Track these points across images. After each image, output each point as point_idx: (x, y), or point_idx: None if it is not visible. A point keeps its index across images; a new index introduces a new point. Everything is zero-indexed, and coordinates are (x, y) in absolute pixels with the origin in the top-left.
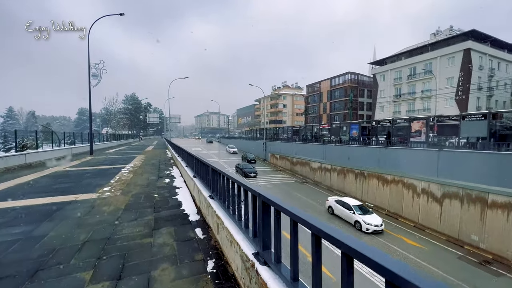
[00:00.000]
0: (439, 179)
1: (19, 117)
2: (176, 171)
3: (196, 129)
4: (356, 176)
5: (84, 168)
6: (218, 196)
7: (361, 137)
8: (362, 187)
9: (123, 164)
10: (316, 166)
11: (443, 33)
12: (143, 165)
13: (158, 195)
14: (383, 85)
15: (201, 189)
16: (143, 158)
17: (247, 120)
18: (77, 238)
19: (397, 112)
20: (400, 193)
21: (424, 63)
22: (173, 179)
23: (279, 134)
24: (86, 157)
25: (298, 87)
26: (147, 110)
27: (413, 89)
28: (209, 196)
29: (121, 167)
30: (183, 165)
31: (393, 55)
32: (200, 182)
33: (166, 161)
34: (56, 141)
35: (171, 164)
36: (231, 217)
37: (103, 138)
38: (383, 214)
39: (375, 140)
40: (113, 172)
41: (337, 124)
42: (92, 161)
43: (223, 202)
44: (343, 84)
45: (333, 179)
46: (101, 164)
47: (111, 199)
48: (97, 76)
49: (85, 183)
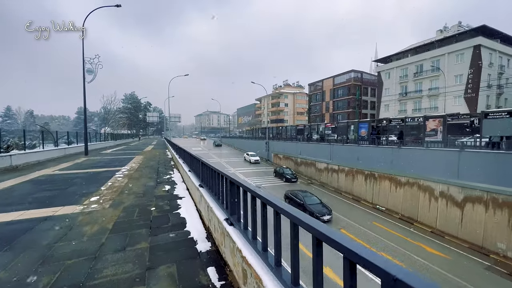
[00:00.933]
0: (460, 182)
1: (17, 116)
2: (177, 175)
3: (196, 129)
4: (366, 177)
5: (74, 171)
6: (241, 223)
7: (370, 137)
8: (373, 189)
9: (119, 166)
10: (322, 167)
11: (451, 30)
12: (141, 167)
13: (156, 208)
14: (388, 83)
15: (211, 206)
16: (141, 159)
17: (247, 120)
18: (34, 286)
19: (402, 111)
20: (415, 196)
21: (432, 60)
22: (174, 186)
23: (282, 134)
24: (80, 158)
25: (300, 86)
26: (146, 109)
27: (420, 87)
28: (225, 219)
29: (116, 170)
30: (185, 169)
31: (399, 52)
32: (209, 195)
33: (165, 163)
34: (52, 141)
35: (171, 166)
36: (270, 268)
37: (101, 138)
38: (397, 218)
39: (386, 139)
40: (106, 177)
41: (344, 123)
42: (85, 163)
43: (252, 238)
44: (347, 83)
45: (340, 180)
46: (94, 166)
47: (97, 214)
48: (92, 72)
49: (71, 191)
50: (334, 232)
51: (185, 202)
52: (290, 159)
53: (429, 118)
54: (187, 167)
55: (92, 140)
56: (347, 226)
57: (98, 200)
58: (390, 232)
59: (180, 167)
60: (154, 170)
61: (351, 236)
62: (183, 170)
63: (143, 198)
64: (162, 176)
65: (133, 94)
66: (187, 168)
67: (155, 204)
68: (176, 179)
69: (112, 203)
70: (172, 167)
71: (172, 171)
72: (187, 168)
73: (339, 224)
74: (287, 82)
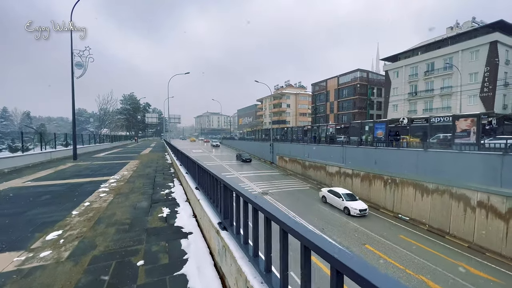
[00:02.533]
0: (504, 190)
1: (13, 117)
2: (179, 189)
3: (196, 130)
4: (386, 183)
5: (50, 182)
6: None
7: (388, 138)
8: (394, 196)
9: (107, 175)
10: (333, 171)
11: (463, 27)
12: (134, 176)
13: (146, 259)
14: (396, 82)
15: (247, 275)
16: (136, 165)
17: (248, 121)
18: None
19: (412, 111)
20: (446, 205)
21: (444, 58)
22: (175, 209)
23: (287, 135)
24: (66, 164)
25: (302, 86)
26: (146, 110)
27: (431, 86)
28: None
29: (102, 181)
30: (191, 185)
31: (407, 50)
32: (239, 249)
33: (164, 170)
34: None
35: (171, 175)
36: None
37: (96, 140)
38: (424, 229)
39: (406, 141)
40: (87, 191)
41: (358, 123)
42: (69, 170)
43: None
44: (352, 82)
45: (355, 185)
46: (78, 175)
47: (42, 277)
48: (82, 66)
49: (27, 219)
50: (322, 240)
51: (193, 243)
52: (297, 162)
53: (460, 117)
54: (193, 183)
55: (87, 142)
56: (371, 241)
57: (56, 241)
58: (422, 248)
59: (182, 178)
60: (149, 180)
61: (379, 254)
62: (186, 183)
63: (128, 234)
64: (159, 190)
65: (132, 95)
66: (193, 183)
67: (145, 249)
68: (178, 196)
69: (76, 248)
70: (172, 176)
71: (172, 182)
72: (193, 183)
73: (361, 238)
74: (289, 82)
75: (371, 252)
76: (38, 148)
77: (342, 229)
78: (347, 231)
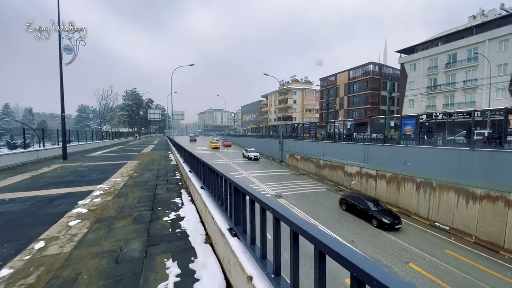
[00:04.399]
0: None
1: (15, 114)
2: (190, 208)
3: (199, 127)
4: (419, 186)
5: (10, 195)
6: None
7: (419, 135)
8: (429, 202)
9: (95, 183)
10: (353, 171)
11: (488, 14)
12: (128, 186)
13: None
14: (413, 75)
15: None
16: (135, 168)
17: (252, 117)
18: None
19: (431, 106)
20: (500, 214)
21: (468, 48)
22: (191, 265)
23: (298, 131)
24: (50, 166)
25: (308, 81)
26: (148, 106)
27: (453, 79)
28: None
29: (84, 193)
30: (207, 203)
31: (426, 41)
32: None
33: (168, 175)
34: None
35: (178, 184)
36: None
37: (93, 137)
38: (471, 242)
39: (442, 138)
40: (52, 215)
41: (380, 118)
42: (49, 175)
43: None
44: (364, 76)
45: (380, 188)
46: (56, 183)
47: None
48: (72, 50)
49: None
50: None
51: None
52: (310, 160)
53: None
54: (213, 205)
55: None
56: (414, 257)
57: None
58: (478, 267)
59: (190, 185)
60: (148, 193)
61: (430, 276)
62: (200, 200)
63: None
64: (160, 212)
65: (134, 90)
66: (213, 204)
67: None
68: (191, 228)
69: None
70: (178, 186)
71: (180, 196)
72: (213, 204)
73: (400, 254)
74: (295, 77)
75: (419, 274)
76: (36, 145)
77: (375, 242)
78: (381, 244)
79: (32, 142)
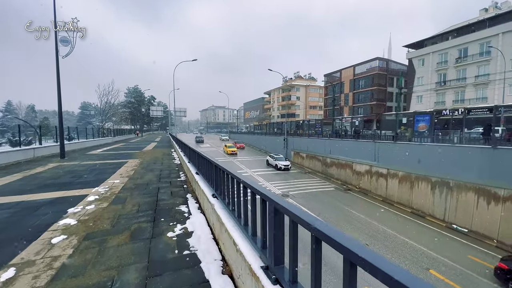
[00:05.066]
0: None
1: (18, 111)
2: (200, 221)
3: (201, 124)
4: (434, 186)
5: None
6: None
7: (434, 132)
8: (446, 203)
9: (90, 185)
10: (362, 170)
11: (502, 7)
12: (127, 189)
13: None
14: (421, 71)
15: None
16: (135, 167)
17: (255, 114)
18: None
19: (440, 103)
20: None
21: (480, 42)
22: None
23: (303, 128)
24: (46, 165)
25: (312, 78)
26: (150, 103)
27: (463, 74)
28: None
29: (76, 198)
30: (223, 219)
31: (435, 35)
32: None
33: (171, 176)
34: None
35: (182, 187)
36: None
37: (95, 134)
38: (492, 246)
39: (459, 136)
40: (34, 228)
41: (390, 115)
42: (43, 176)
43: None
44: (370, 72)
45: (391, 187)
46: (48, 185)
47: None
48: (69, 42)
49: None
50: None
51: None
52: (316, 158)
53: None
54: (222, 207)
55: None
56: (434, 263)
57: None
58: None
59: (201, 195)
60: (149, 198)
61: (455, 286)
62: (211, 211)
63: None
64: (164, 225)
65: (137, 87)
66: (222, 207)
67: None
68: (201, 246)
69: None
70: (183, 189)
71: (186, 203)
72: (222, 207)
73: (419, 258)
74: (299, 74)
75: (442, 283)
76: (37, 143)
77: (391, 245)
78: (397, 247)
79: (34, 139)
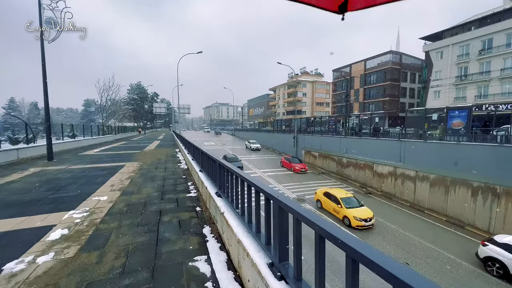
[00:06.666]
0: None
1: (21, 108)
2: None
3: (205, 121)
4: (475, 192)
5: None
6: None
7: (471, 130)
8: (491, 212)
9: (64, 206)
10: (385, 171)
11: None
12: (114, 215)
13: None
14: (440, 64)
15: None
16: (132, 175)
17: (259, 111)
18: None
19: (459, 98)
20: None
21: (507, 33)
22: None
23: (314, 125)
24: (25, 171)
25: (319, 73)
26: (153, 100)
27: (487, 67)
28: None
29: (28, 241)
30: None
31: (455, 26)
32: None
33: (178, 191)
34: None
35: (194, 209)
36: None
37: (94, 131)
38: None
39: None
40: None
41: (417, 111)
42: (7, 189)
43: None
44: (382, 66)
45: (420, 192)
46: (6, 205)
47: None
48: (56, 24)
49: None
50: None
51: None
52: (330, 158)
53: None
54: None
55: (83, 135)
56: None
57: None
58: None
59: (231, 238)
60: (145, 237)
61: None
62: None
63: None
64: None
65: (140, 84)
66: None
67: None
68: None
69: None
70: (196, 215)
71: (203, 244)
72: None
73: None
74: (305, 69)
75: None
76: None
77: (436, 264)
78: (444, 269)
79: (36, 137)
